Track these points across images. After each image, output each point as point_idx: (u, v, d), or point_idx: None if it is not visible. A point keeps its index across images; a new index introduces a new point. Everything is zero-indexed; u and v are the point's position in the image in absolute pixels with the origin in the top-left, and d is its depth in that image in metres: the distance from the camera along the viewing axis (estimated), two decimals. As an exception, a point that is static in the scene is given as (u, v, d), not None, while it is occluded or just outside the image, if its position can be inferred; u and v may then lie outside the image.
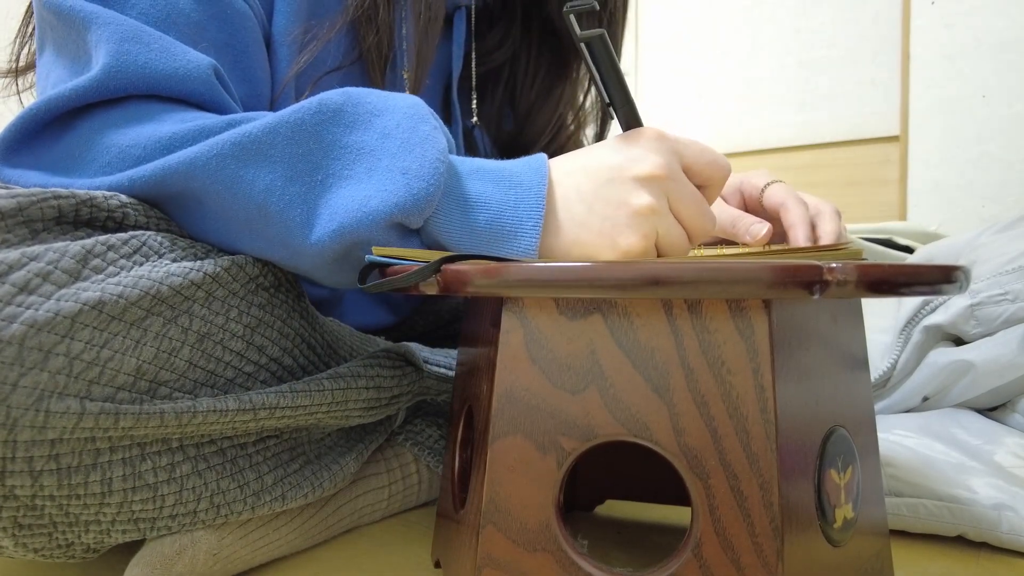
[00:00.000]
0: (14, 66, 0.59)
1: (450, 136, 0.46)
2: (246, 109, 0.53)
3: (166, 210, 0.46)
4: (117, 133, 0.45)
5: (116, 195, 0.43)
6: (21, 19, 0.59)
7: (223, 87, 0.49)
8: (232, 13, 0.51)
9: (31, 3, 0.57)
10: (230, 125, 0.44)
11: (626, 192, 0.44)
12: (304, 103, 0.44)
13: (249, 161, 0.43)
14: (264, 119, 0.44)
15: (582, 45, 0.45)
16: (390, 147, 0.43)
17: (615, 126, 0.48)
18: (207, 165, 0.43)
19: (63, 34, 0.48)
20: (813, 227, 0.59)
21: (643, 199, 0.43)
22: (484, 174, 0.45)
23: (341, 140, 0.44)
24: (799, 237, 0.58)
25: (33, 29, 0.55)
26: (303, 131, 0.43)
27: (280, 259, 0.46)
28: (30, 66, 0.59)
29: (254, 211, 0.43)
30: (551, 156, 0.47)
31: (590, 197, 0.44)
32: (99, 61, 0.45)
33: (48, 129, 0.47)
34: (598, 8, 0.47)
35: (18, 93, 0.60)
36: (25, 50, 0.59)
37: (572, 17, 0.45)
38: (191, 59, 0.47)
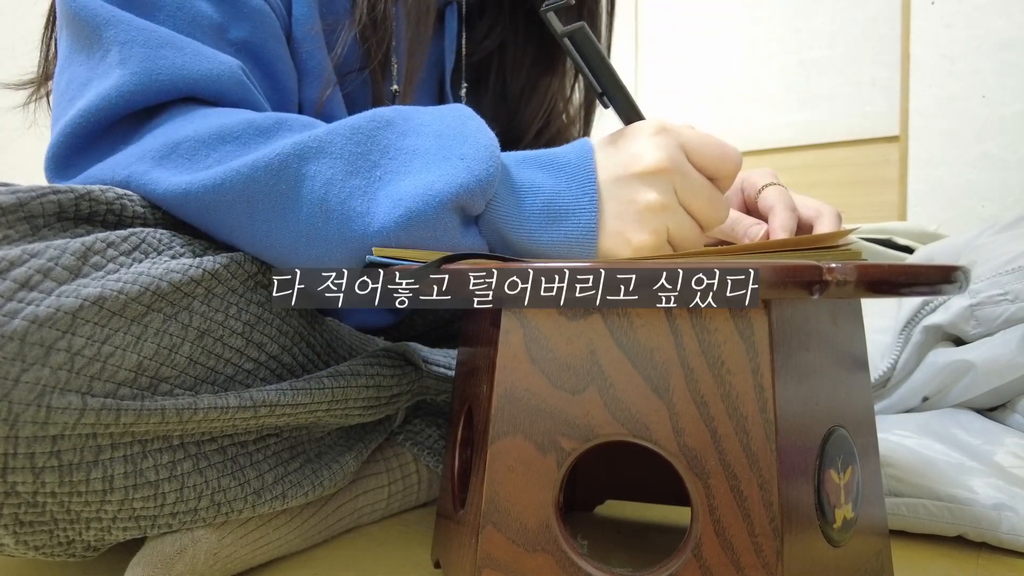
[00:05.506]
0: (40, 72, 0.61)
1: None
2: (272, 106, 0.53)
3: (216, 227, 0.45)
4: (168, 130, 0.46)
5: (112, 188, 0.43)
6: (43, 27, 0.60)
7: (252, 85, 0.50)
8: (249, 11, 0.52)
9: (52, 5, 0.58)
10: (279, 122, 0.45)
11: (632, 190, 0.44)
12: (356, 116, 0.45)
13: (310, 158, 0.43)
14: (320, 127, 0.45)
15: (565, 40, 0.46)
16: (444, 143, 0.44)
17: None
18: (269, 165, 0.43)
19: (85, 36, 0.48)
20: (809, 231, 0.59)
21: (650, 195, 0.44)
22: (531, 161, 0.46)
23: (396, 143, 0.45)
24: None
25: (53, 36, 0.56)
26: (360, 134, 0.44)
27: (340, 263, 0.45)
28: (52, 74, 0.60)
29: (316, 207, 0.43)
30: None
31: (602, 196, 0.45)
32: (134, 67, 0.46)
33: (97, 142, 0.47)
34: (573, 3, 0.48)
35: (46, 96, 0.61)
36: (47, 55, 0.60)
37: (551, 15, 0.46)
38: (221, 60, 0.48)
